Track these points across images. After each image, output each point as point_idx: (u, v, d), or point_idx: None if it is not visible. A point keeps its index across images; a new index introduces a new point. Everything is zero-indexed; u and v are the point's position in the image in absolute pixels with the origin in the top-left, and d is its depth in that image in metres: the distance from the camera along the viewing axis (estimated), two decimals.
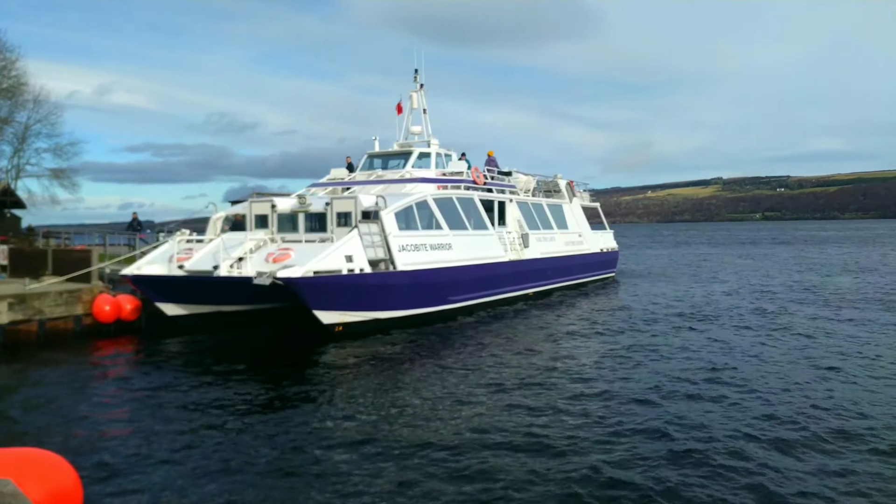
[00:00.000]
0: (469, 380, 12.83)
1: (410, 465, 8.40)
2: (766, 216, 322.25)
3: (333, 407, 11.19)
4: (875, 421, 9.97)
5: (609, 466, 8.33)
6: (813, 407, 10.68)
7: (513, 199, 26.24)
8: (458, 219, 21.88)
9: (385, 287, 18.06)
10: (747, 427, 9.73)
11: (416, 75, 26.16)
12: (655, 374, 13.09)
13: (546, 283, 27.19)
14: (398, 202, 19.54)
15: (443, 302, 20.23)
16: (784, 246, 71.70)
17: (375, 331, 17.76)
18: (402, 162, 23.84)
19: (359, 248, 17.56)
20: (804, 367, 13.60)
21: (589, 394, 11.75)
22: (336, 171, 24.13)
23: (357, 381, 13.02)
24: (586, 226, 33.39)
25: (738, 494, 7.49)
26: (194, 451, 9.07)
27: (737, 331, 18.04)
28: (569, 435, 9.50)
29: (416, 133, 25.87)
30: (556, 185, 32.73)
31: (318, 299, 16.44)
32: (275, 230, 19.86)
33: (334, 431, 9.85)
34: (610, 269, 35.28)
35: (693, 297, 26.01)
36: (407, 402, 11.38)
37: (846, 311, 21.46)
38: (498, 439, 9.35)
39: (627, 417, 10.36)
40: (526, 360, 14.56)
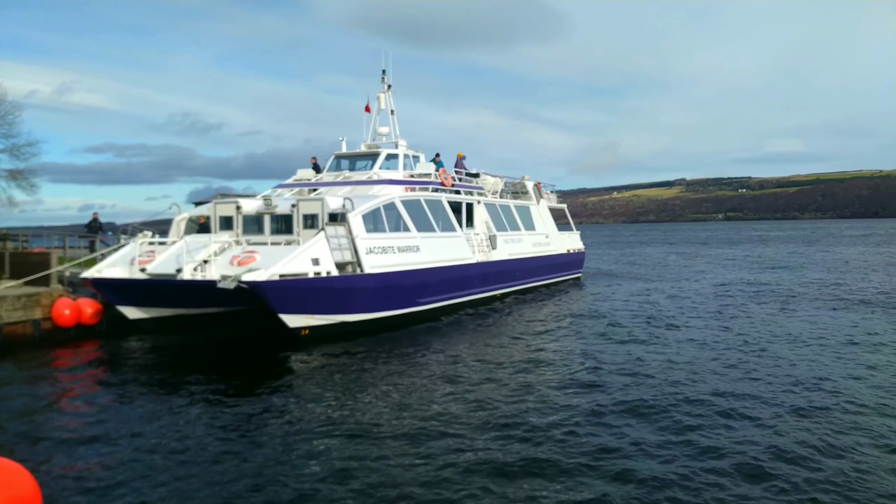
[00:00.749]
0: (434, 383, 12.79)
1: (373, 468, 8.34)
2: (728, 216, 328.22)
3: (298, 411, 11.05)
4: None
5: (578, 468, 8.37)
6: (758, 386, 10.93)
7: (481, 200, 26.27)
8: (425, 221, 21.82)
9: (352, 290, 17.92)
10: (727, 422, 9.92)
11: (383, 76, 26.05)
12: (618, 375, 13.23)
13: (514, 284, 27.30)
14: (365, 204, 19.41)
15: (411, 304, 20.15)
16: (731, 245, 73.59)
17: (342, 334, 17.61)
18: (369, 163, 23.69)
19: (325, 250, 17.40)
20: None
21: (552, 396, 11.81)
22: (302, 171, 23.88)
23: (322, 385, 12.88)
24: (553, 227, 33.59)
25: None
26: (156, 455, 8.96)
27: (692, 329, 18.36)
28: (530, 438, 9.54)
29: (383, 134, 25.74)
30: (523, 186, 32.86)
31: (284, 303, 16.25)
32: (240, 232, 19.61)
33: (298, 436, 9.73)
34: (576, 270, 35.56)
35: (650, 296, 26.40)
36: (371, 406, 11.29)
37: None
38: (460, 443, 9.33)
39: (594, 417, 10.43)
40: (492, 363, 14.57)
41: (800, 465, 8.47)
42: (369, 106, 25.73)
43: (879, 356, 14.88)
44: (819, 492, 7.71)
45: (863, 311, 21.92)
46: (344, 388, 12.63)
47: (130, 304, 18.12)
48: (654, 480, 8.02)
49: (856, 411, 10.74)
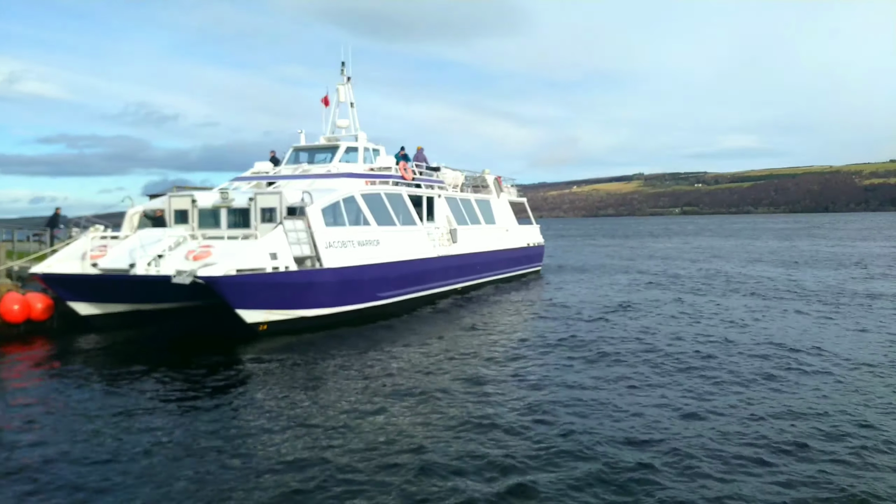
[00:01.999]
0: (392, 379, 12.75)
1: (326, 464, 8.28)
2: (684, 211, 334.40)
3: (253, 408, 10.91)
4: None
5: (527, 467, 8.43)
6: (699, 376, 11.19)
7: (441, 194, 26.25)
8: (386, 215, 21.72)
9: (311, 284, 17.75)
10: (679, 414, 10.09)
11: (342, 68, 25.79)
12: (574, 369, 13.38)
13: (474, 277, 27.39)
14: (325, 198, 19.22)
15: (371, 299, 20.06)
16: (668, 237, 74.94)
17: (302, 329, 17.44)
18: (328, 156, 23.45)
19: (284, 244, 17.19)
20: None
21: (507, 390, 11.87)
22: (260, 164, 23.52)
23: (278, 381, 12.74)
24: (513, 221, 33.79)
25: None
26: (107, 454, 8.78)
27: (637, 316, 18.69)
28: (480, 429, 9.58)
29: (343, 127, 25.51)
30: (483, 180, 32.96)
31: (241, 298, 16.01)
32: (195, 226, 19.25)
33: (252, 433, 9.61)
34: (536, 263, 35.84)
35: (607, 287, 26.77)
36: (328, 403, 11.20)
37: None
38: (418, 440, 9.32)
39: (551, 416, 10.51)
40: (448, 358, 14.59)
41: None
42: (328, 98, 25.44)
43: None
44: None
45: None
46: (301, 384, 12.50)
47: (82, 300, 17.66)
48: (602, 472, 8.12)
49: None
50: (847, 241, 64.65)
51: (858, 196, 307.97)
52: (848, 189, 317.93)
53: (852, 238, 70.28)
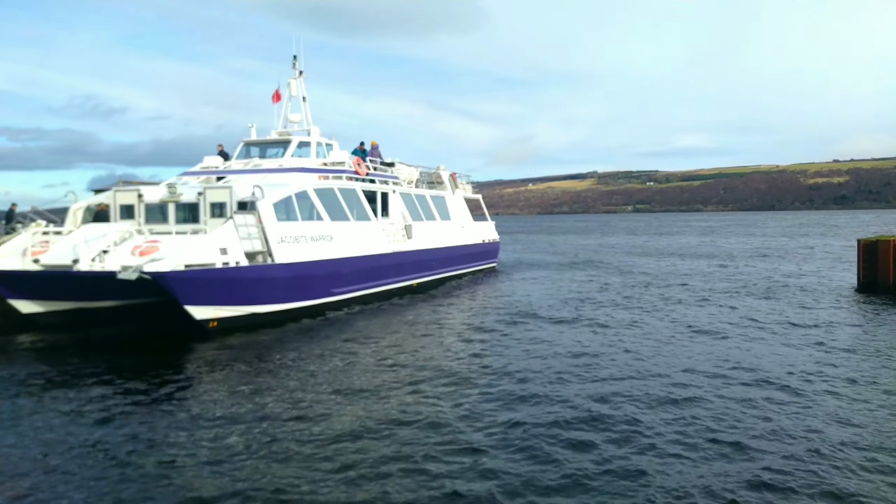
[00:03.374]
0: (343, 376, 12.63)
1: (269, 468, 8.14)
2: (637, 209, 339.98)
3: (200, 407, 10.67)
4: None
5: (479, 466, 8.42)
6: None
7: (396, 190, 26.13)
8: (339, 210, 21.51)
9: (263, 280, 17.46)
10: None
11: (294, 61, 25.43)
12: (524, 361, 13.45)
13: (430, 273, 27.35)
14: (277, 192, 18.93)
15: (325, 294, 19.84)
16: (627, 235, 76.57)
17: (253, 325, 17.15)
18: (280, 151, 23.10)
19: (234, 239, 16.88)
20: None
21: (458, 387, 11.87)
22: (210, 159, 23.03)
23: (227, 379, 12.50)
24: (469, 217, 33.87)
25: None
26: (42, 455, 8.47)
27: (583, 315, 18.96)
28: (432, 423, 9.55)
29: (295, 121, 25.16)
30: (439, 176, 32.95)
31: (190, 294, 15.65)
32: (142, 221, 18.77)
33: (197, 432, 9.39)
34: (491, 260, 36.00)
35: (560, 283, 27.06)
36: (277, 401, 11.02)
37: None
38: (365, 438, 9.24)
39: (499, 415, 10.52)
40: (400, 354, 14.54)
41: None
42: (279, 93, 25.03)
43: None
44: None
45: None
46: (249, 382, 12.27)
47: (23, 298, 17.03)
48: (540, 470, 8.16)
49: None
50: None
51: (804, 195, 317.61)
52: (793, 188, 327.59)
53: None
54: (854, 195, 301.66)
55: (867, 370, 12.52)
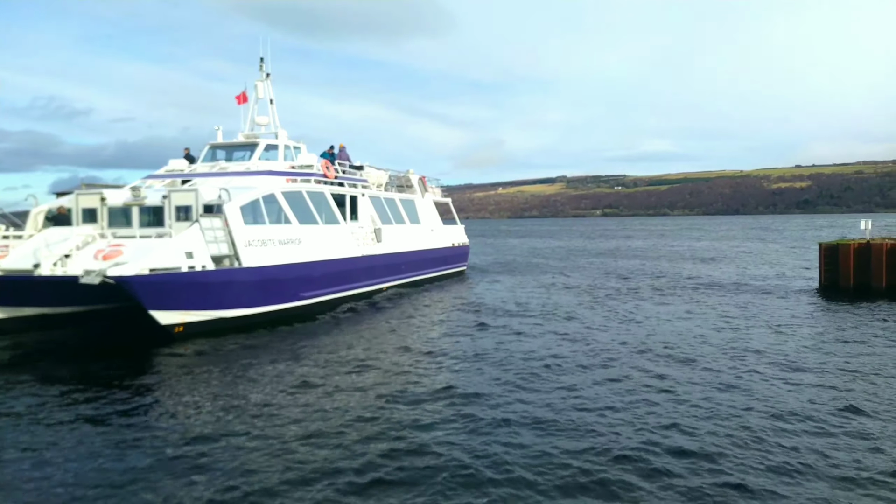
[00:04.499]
0: (312, 381, 12.51)
1: (238, 473, 8.02)
2: (605, 213, 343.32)
3: (163, 414, 10.48)
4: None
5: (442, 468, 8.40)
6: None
7: (365, 193, 26.01)
8: (308, 213, 21.34)
9: (229, 284, 17.24)
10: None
11: (261, 64, 25.17)
12: (488, 366, 13.48)
13: (399, 277, 27.28)
14: (244, 195, 18.71)
15: (293, 299, 19.65)
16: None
17: (220, 330, 16.91)
18: (247, 154, 22.84)
19: (200, 243, 16.64)
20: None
21: (425, 393, 11.84)
22: (175, 161, 22.69)
23: (191, 386, 12.28)
24: (438, 221, 33.86)
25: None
26: (11, 465, 8.20)
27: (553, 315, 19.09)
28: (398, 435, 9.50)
29: (262, 124, 24.89)
30: (408, 180, 32.88)
31: (155, 299, 15.39)
32: (105, 225, 18.43)
33: (161, 440, 9.21)
34: (461, 263, 36.04)
35: (527, 288, 27.20)
36: (242, 407, 10.86)
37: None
38: (331, 446, 9.16)
39: (472, 422, 10.51)
40: (369, 359, 14.45)
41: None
42: (245, 95, 24.75)
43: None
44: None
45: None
46: (215, 389, 12.09)
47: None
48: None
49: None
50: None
51: (767, 199, 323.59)
52: (757, 193, 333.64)
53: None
54: (816, 200, 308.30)
55: (824, 364, 12.79)
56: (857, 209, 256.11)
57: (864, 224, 26.20)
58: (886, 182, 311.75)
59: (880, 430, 9.36)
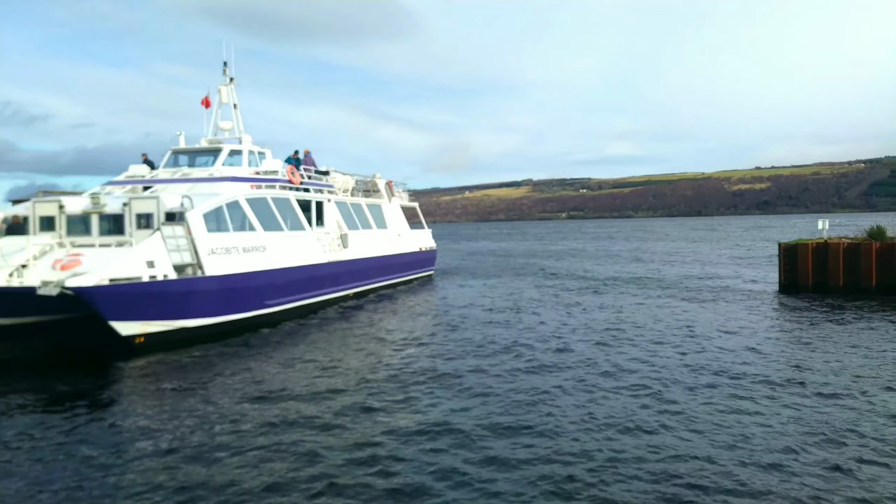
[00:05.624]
0: (275, 389, 12.35)
1: (201, 492, 7.87)
2: (571, 215, 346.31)
3: (123, 428, 10.23)
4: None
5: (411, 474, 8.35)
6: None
7: (331, 198, 25.82)
8: (272, 219, 21.09)
9: (192, 293, 16.93)
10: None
11: (225, 68, 24.84)
12: (460, 370, 13.46)
13: (366, 283, 27.13)
14: (207, 202, 18.41)
15: (258, 307, 19.39)
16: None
17: (183, 340, 16.60)
18: (210, 159, 22.49)
19: (162, 252, 16.34)
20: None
21: (393, 401, 11.77)
22: (136, 167, 22.23)
23: (152, 398, 12.03)
24: (405, 225, 33.79)
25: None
26: None
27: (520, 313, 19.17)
28: (362, 443, 9.42)
29: (226, 129, 24.56)
30: (374, 184, 32.75)
31: (115, 309, 15.04)
32: (63, 233, 17.97)
33: (125, 452, 9.00)
34: (429, 267, 36.00)
35: (494, 291, 27.30)
36: (205, 421, 10.64)
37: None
38: (296, 455, 9.04)
39: (440, 429, 10.47)
40: (335, 368, 14.32)
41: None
42: (208, 100, 24.41)
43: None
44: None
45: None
46: (177, 400, 11.86)
47: None
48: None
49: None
50: (685, 241, 71.34)
51: (728, 201, 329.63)
52: (718, 194, 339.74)
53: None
54: (775, 201, 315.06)
55: (784, 360, 13.03)
56: (815, 209, 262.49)
57: (821, 224, 26.77)
58: (843, 183, 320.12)
59: (827, 420, 9.55)
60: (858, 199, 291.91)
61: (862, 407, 10.51)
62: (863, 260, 23.06)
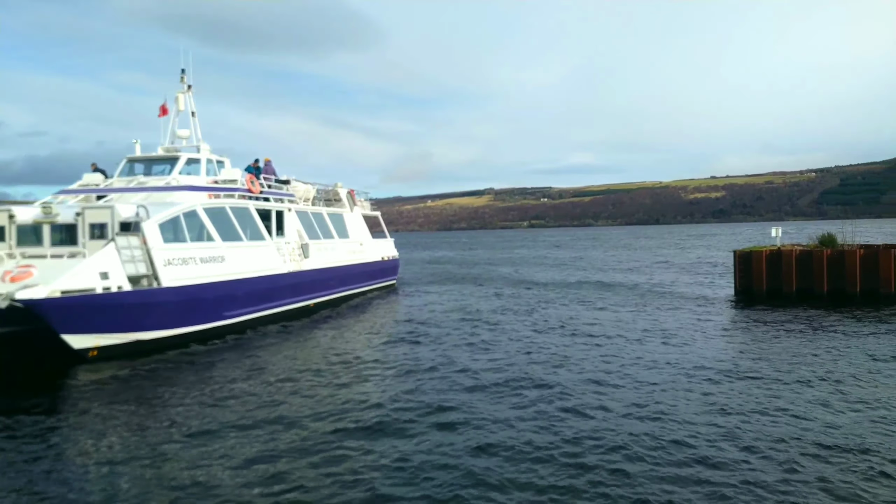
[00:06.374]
0: (232, 403, 12.12)
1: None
2: (532, 224, 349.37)
3: (72, 446, 9.92)
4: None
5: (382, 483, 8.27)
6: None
7: (292, 208, 25.57)
8: (231, 229, 20.78)
9: (148, 305, 16.56)
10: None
11: (182, 75, 24.44)
12: (428, 381, 13.40)
13: (328, 293, 26.88)
14: (163, 212, 18.06)
15: (216, 318, 19.06)
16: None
17: (138, 353, 16.21)
18: (167, 168, 22.07)
19: (116, 263, 15.96)
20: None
21: (356, 415, 11.67)
22: (90, 176, 21.69)
23: (108, 413, 11.70)
24: (367, 235, 33.62)
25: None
26: None
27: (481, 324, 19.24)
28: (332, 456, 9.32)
29: (183, 137, 24.12)
30: (336, 194, 32.55)
31: (67, 322, 14.63)
32: (13, 244, 17.41)
33: (75, 471, 8.72)
34: (391, 277, 35.86)
35: (458, 299, 27.31)
36: (158, 437, 10.40)
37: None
38: (250, 469, 8.89)
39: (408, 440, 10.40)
40: (294, 380, 14.13)
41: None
42: (165, 107, 23.98)
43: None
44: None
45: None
46: (131, 415, 11.54)
47: None
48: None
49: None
50: (646, 249, 72.57)
51: (685, 209, 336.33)
52: (675, 203, 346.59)
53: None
54: (730, 209, 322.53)
55: (738, 363, 13.29)
56: (769, 217, 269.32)
57: (774, 232, 27.43)
58: (795, 191, 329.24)
59: (785, 416, 9.76)
60: (810, 208, 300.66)
61: (808, 398, 10.77)
62: (815, 266, 23.69)
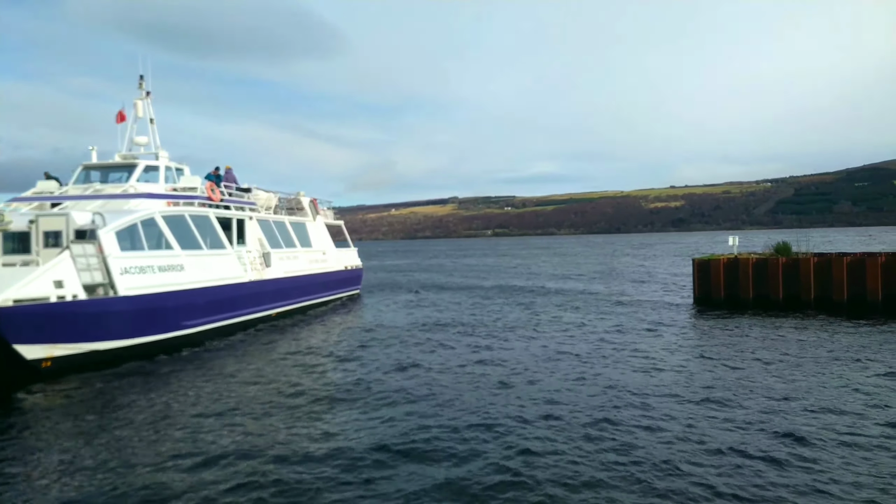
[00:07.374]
0: (191, 415, 11.91)
1: None
2: (496, 232, 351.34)
3: (22, 460, 9.64)
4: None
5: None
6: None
7: (253, 216, 25.28)
8: (191, 238, 20.44)
9: (103, 315, 16.18)
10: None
11: (141, 81, 24.03)
12: (380, 385, 13.36)
13: (290, 302, 26.60)
14: (120, 220, 17.70)
15: (175, 328, 18.71)
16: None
17: (94, 363, 15.82)
18: (125, 175, 21.64)
19: (71, 271, 15.57)
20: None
21: (322, 422, 11.57)
22: (44, 183, 21.16)
23: (57, 428, 11.37)
24: (330, 243, 33.41)
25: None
26: None
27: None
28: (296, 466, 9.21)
29: (142, 144, 23.69)
30: (299, 202, 32.30)
31: (19, 332, 14.21)
32: None
33: (24, 489, 8.46)
34: (355, 286, 35.66)
35: (419, 307, 27.29)
36: (111, 451, 10.17)
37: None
38: (204, 484, 8.74)
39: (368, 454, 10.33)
40: (253, 391, 13.95)
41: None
42: (123, 114, 23.54)
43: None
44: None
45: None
46: (86, 429, 11.25)
47: None
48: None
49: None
50: (609, 255, 72.25)
51: (646, 218, 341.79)
52: (636, 212, 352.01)
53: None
54: (689, 218, 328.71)
55: (692, 366, 13.52)
56: (727, 226, 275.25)
57: (731, 240, 28.01)
58: (751, 201, 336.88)
59: (742, 417, 9.96)
60: (766, 217, 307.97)
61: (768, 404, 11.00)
62: (770, 274, 24.23)
